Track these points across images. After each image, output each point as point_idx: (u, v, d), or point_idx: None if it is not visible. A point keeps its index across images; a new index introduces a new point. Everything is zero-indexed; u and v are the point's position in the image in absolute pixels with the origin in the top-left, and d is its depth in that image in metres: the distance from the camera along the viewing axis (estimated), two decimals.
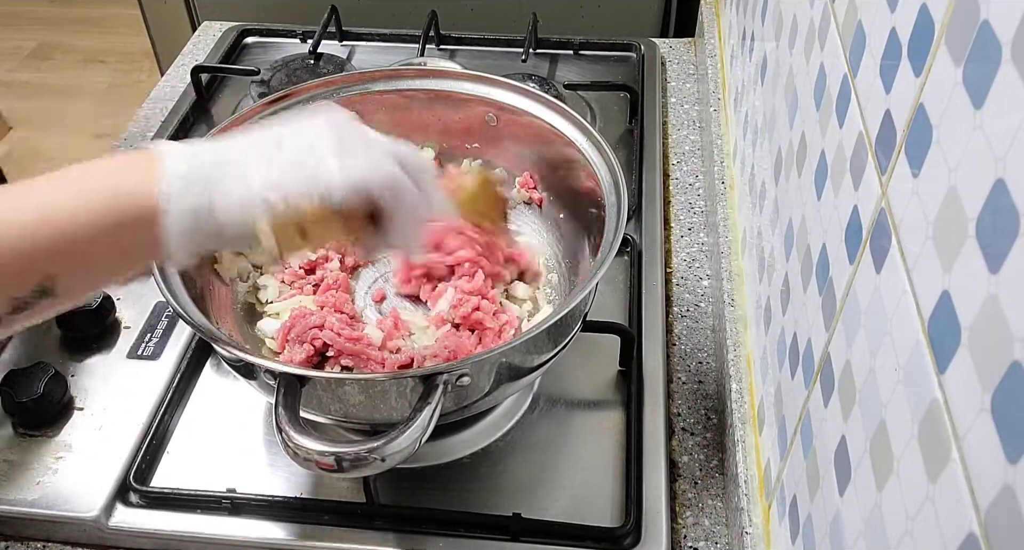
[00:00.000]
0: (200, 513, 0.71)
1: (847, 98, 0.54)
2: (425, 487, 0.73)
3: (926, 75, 0.42)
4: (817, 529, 0.53)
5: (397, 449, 0.57)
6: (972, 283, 0.35)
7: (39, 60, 3.02)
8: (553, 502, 0.72)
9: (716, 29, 1.16)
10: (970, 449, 0.34)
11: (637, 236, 0.93)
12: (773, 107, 0.76)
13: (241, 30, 1.27)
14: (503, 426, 0.77)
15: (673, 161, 1.08)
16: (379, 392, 0.64)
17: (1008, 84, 0.33)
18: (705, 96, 1.10)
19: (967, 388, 0.35)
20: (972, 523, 0.33)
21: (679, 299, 0.91)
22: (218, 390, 0.81)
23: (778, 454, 0.64)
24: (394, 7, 1.37)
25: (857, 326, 0.49)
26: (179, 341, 0.83)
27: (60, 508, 0.70)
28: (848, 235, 0.52)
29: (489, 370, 0.65)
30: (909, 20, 0.44)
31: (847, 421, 0.49)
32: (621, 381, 0.81)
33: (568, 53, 1.23)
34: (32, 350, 0.82)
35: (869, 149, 0.49)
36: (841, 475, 0.49)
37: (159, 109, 1.15)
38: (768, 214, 0.75)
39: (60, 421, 0.76)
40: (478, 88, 0.85)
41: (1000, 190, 0.33)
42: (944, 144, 0.39)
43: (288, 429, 0.58)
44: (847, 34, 0.56)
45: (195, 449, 0.76)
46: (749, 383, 0.76)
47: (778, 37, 0.77)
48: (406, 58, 1.21)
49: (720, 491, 0.74)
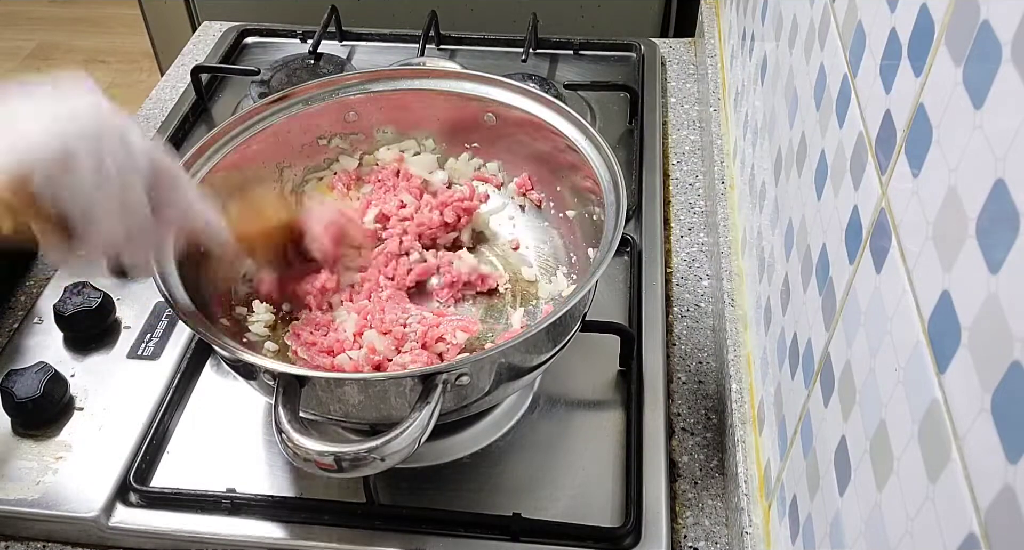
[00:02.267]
0: (200, 513, 0.71)
1: (847, 98, 0.54)
2: (425, 487, 0.73)
3: (926, 75, 0.42)
4: (817, 529, 0.53)
5: (396, 449, 0.57)
6: (972, 283, 0.35)
7: (39, 60, 3.02)
8: (553, 502, 0.72)
9: (716, 29, 1.16)
10: (970, 449, 0.34)
11: (637, 236, 0.93)
12: (773, 107, 0.76)
13: (241, 30, 1.27)
14: (503, 426, 0.77)
15: (673, 161, 1.08)
16: (378, 392, 0.64)
17: (1008, 84, 0.33)
18: (705, 96, 1.10)
19: (967, 388, 0.35)
20: (972, 523, 0.33)
21: (679, 299, 0.91)
22: (218, 390, 0.81)
23: (778, 454, 0.64)
24: (394, 7, 1.37)
25: (857, 326, 0.49)
26: (179, 341, 0.83)
27: (60, 508, 0.70)
28: (848, 235, 0.52)
29: (488, 370, 0.65)
30: (909, 20, 0.44)
31: (847, 421, 0.49)
32: (621, 381, 0.81)
33: (568, 53, 1.23)
34: (32, 350, 0.82)
35: (869, 149, 0.49)
36: (841, 475, 0.49)
37: (159, 109, 1.15)
38: (768, 214, 0.75)
39: (60, 421, 0.76)
40: (478, 88, 0.85)
41: (1000, 190, 0.33)
42: (944, 144, 0.39)
43: (288, 429, 0.58)
44: (847, 34, 0.56)
45: (195, 449, 0.76)
46: (749, 383, 0.76)
47: (778, 37, 0.77)
48: (406, 58, 1.21)
49: (720, 491, 0.74)
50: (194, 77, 1.14)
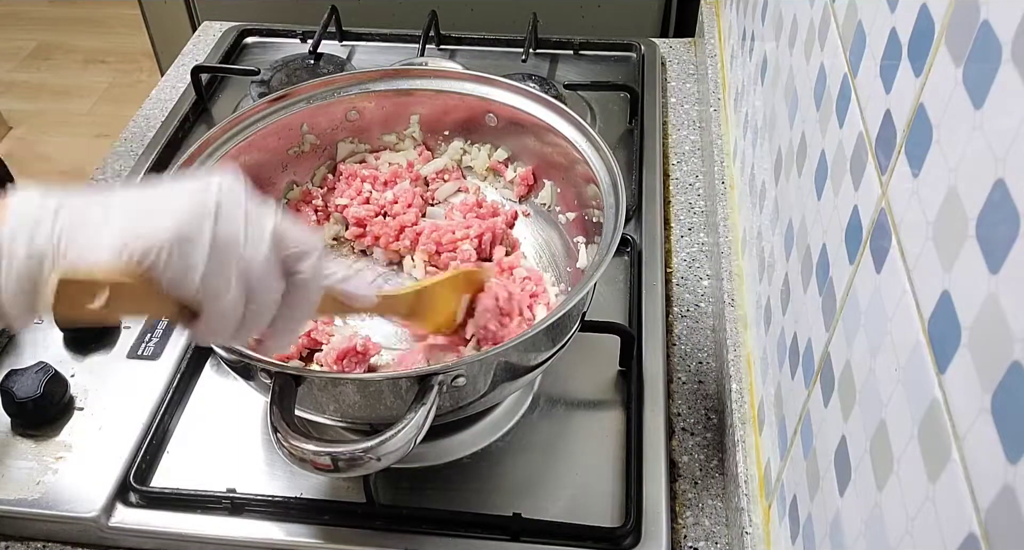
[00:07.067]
0: (200, 513, 0.71)
1: (847, 98, 0.54)
2: (425, 487, 0.73)
3: (926, 75, 0.42)
4: (817, 529, 0.53)
5: (392, 449, 0.57)
6: (972, 283, 0.35)
7: (39, 60, 3.02)
8: (553, 502, 0.72)
9: (716, 29, 1.16)
10: (970, 449, 0.34)
11: (637, 236, 0.93)
12: (773, 107, 0.76)
13: (241, 30, 1.27)
14: (503, 426, 0.77)
15: (673, 161, 1.08)
16: (375, 392, 0.64)
17: (1008, 84, 0.33)
18: (705, 96, 1.10)
19: (967, 388, 0.35)
20: (972, 523, 0.33)
21: (679, 299, 0.91)
22: (218, 390, 0.81)
23: (778, 454, 0.64)
24: (394, 7, 1.37)
25: (857, 326, 0.49)
26: (179, 341, 0.83)
27: (60, 508, 0.70)
28: (848, 235, 0.52)
29: (486, 370, 0.65)
30: (909, 20, 0.44)
31: (847, 421, 0.49)
32: (621, 381, 0.81)
33: (568, 53, 1.23)
34: (32, 350, 0.82)
35: (869, 149, 0.49)
36: (841, 475, 0.49)
37: (159, 109, 1.15)
38: (768, 214, 0.75)
39: (60, 421, 0.76)
40: (478, 88, 0.85)
41: (1000, 190, 0.33)
42: (944, 144, 0.39)
43: (283, 429, 0.58)
44: (847, 34, 0.56)
45: (195, 449, 0.76)
46: (749, 383, 0.76)
47: (778, 37, 0.77)
48: (406, 58, 1.21)
49: (720, 491, 0.74)
50: (194, 77, 1.14)
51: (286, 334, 0.56)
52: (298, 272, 0.53)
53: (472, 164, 0.90)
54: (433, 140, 0.91)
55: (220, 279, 0.49)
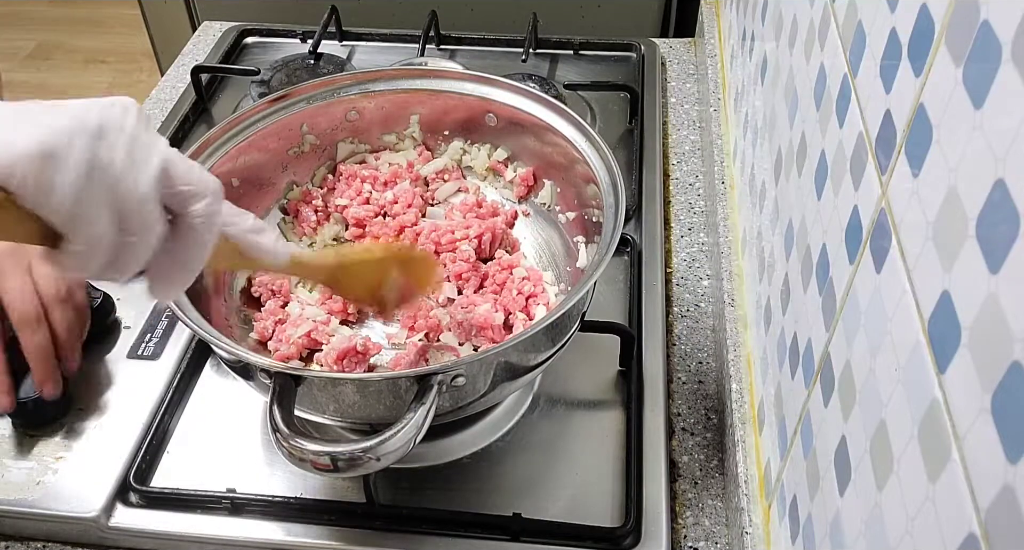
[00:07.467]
0: (200, 513, 0.71)
1: (847, 98, 0.54)
2: (425, 487, 0.73)
3: (926, 75, 0.42)
4: (817, 529, 0.53)
5: (391, 449, 0.57)
6: (972, 283, 0.35)
7: (39, 60, 3.02)
8: (553, 502, 0.72)
9: (716, 29, 1.16)
10: (970, 449, 0.34)
11: (637, 236, 0.93)
12: (773, 107, 0.76)
13: (241, 30, 1.27)
14: (503, 426, 0.77)
15: (673, 161, 1.08)
16: (374, 392, 0.64)
17: (1008, 84, 0.33)
18: (705, 96, 1.10)
19: (967, 388, 0.35)
20: (972, 523, 0.33)
21: (679, 299, 0.91)
22: (218, 390, 0.81)
23: (778, 454, 0.64)
24: (394, 7, 1.37)
25: (857, 326, 0.49)
26: (179, 341, 0.83)
27: (60, 508, 0.70)
28: (848, 235, 0.52)
29: (485, 370, 0.65)
30: (909, 20, 0.44)
31: (847, 421, 0.49)
32: (621, 381, 0.81)
33: (568, 53, 1.23)
34: None
35: (869, 149, 0.49)
36: (841, 475, 0.49)
37: (159, 109, 1.15)
38: (768, 214, 0.75)
39: (60, 421, 0.76)
40: (478, 88, 0.85)
41: (1000, 190, 0.33)
42: (944, 144, 0.39)
43: (282, 428, 0.58)
44: (847, 34, 0.56)
45: (195, 449, 0.76)
46: (749, 383, 0.76)
47: (778, 37, 0.77)
48: (406, 58, 1.21)
49: (720, 491, 0.74)
50: (194, 77, 1.14)
51: (174, 277, 0.51)
52: (188, 213, 0.49)
53: (472, 164, 0.91)
54: (433, 140, 0.91)
55: (90, 206, 0.45)
